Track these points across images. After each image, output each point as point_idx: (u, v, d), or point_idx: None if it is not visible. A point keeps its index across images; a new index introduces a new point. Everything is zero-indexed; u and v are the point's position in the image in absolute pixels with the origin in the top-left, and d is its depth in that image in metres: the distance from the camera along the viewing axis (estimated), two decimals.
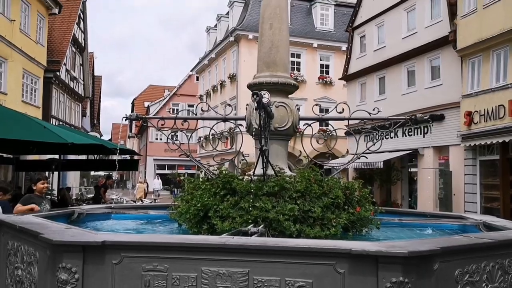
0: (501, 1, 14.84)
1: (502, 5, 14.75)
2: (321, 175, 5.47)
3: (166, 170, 47.29)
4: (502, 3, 14.76)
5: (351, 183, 5.53)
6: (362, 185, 5.74)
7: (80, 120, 32.99)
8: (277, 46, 6.19)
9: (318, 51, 30.18)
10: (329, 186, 5.26)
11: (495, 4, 15.10)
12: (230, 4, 32.10)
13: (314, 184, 5.19)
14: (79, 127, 31.17)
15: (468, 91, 16.50)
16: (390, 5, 21.26)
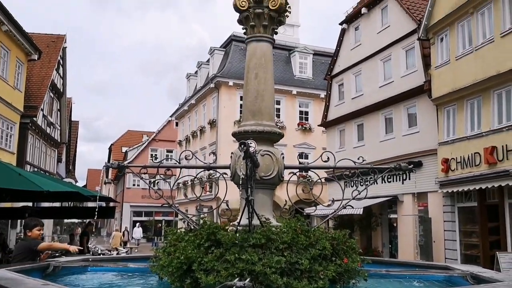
0: (472, 53, 15.45)
1: (474, 57, 15.35)
2: (307, 225, 5.39)
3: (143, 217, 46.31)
4: (473, 56, 15.37)
5: (337, 234, 5.45)
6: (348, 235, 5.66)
7: (55, 166, 32.35)
8: (262, 95, 6.23)
9: (298, 98, 30.68)
10: (316, 236, 5.18)
11: (467, 56, 15.71)
12: (211, 51, 32.66)
13: (300, 235, 5.10)
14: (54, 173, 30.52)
15: (445, 138, 16.86)
16: (367, 55, 21.93)
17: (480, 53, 15.11)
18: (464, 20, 16.03)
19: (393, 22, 20.38)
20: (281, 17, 6.44)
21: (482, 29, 15.20)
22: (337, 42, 24.53)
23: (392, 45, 20.27)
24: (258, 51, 6.30)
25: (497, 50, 14.35)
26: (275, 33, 6.58)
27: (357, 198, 6.12)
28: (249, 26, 6.33)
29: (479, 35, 15.25)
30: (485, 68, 14.67)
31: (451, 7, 16.29)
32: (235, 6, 6.34)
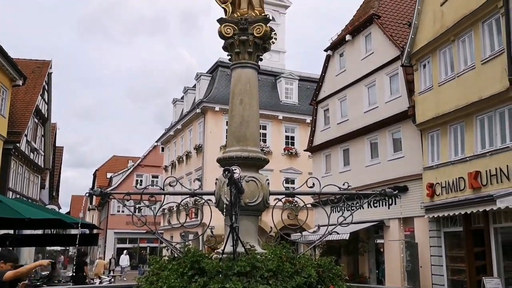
0: (454, 79, 15.74)
1: (456, 84, 15.64)
2: (292, 252, 5.33)
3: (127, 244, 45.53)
4: (456, 82, 15.65)
5: (323, 261, 5.39)
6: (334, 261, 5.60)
7: (39, 193, 31.82)
8: (247, 121, 6.23)
9: (284, 123, 30.83)
10: (301, 264, 5.11)
11: (449, 82, 16.00)
12: (197, 77, 32.84)
13: (286, 262, 5.03)
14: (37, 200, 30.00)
15: (429, 163, 17.00)
16: (352, 81, 22.22)
17: (462, 80, 15.39)
18: (445, 47, 16.38)
19: (377, 49, 20.75)
20: (266, 44, 6.51)
21: (463, 56, 15.52)
22: (322, 68, 24.85)
23: (376, 71, 20.58)
24: (243, 77, 6.33)
25: (478, 76, 14.63)
26: (260, 59, 6.63)
27: (343, 223, 6.08)
28: (234, 52, 6.38)
29: (461, 62, 15.57)
30: (467, 94, 14.92)
31: (433, 34, 16.66)
32: (220, 33, 6.40)
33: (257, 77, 6.54)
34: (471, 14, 14.75)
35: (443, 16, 16.25)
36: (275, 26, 35.84)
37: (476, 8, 14.50)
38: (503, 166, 13.49)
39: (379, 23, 20.36)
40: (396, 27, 20.41)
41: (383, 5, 21.64)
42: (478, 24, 14.77)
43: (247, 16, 6.39)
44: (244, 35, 6.27)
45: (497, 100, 13.85)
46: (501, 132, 13.98)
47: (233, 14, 6.48)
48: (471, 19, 14.83)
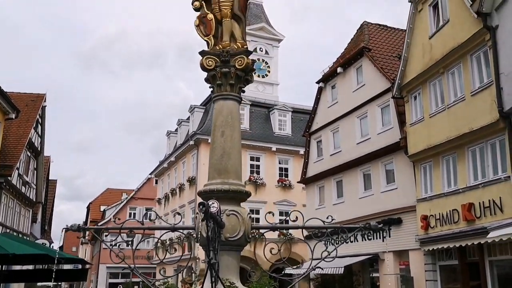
0: (445, 111, 15.77)
1: (446, 115, 15.66)
2: None
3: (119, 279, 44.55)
4: (446, 113, 15.68)
5: None
6: None
7: (30, 227, 31.29)
8: (228, 153, 6.14)
9: (277, 155, 30.75)
10: None
11: (440, 114, 16.03)
12: (191, 109, 32.93)
13: None
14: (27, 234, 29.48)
15: (423, 195, 16.84)
16: (344, 113, 22.28)
17: (453, 111, 15.43)
18: (435, 79, 16.49)
19: (368, 81, 20.90)
20: (248, 76, 6.49)
21: (453, 88, 15.60)
22: (315, 100, 24.97)
23: (367, 103, 20.66)
24: (225, 109, 6.28)
25: (469, 108, 14.67)
26: (242, 91, 6.60)
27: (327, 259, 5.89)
28: (216, 84, 6.35)
29: (451, 94, 15.64)
30: (458, 126, 14.92)
31: (422, 67, 16.80)
32: (202, 65, 6.38)
33: (239, 109, 6.49)
34: (459, 47, 14.91)
35: (432, 49, 16.43)
36: (268, 59, 36.34)
37: (464, 41, 14.66)
38: (496, 198, 13.35)
39: (370, 56, 20.58)
40: (387, 59, 20.62)
41: (373, 38, 21.94)
42: (466, 57, 14.91)
43: (229, 48, 6.39)
44: (226, 67, 6.25)
45: (488, 132, 13.84)
46: (493, 163, 13.90)
47: (215, 47, 6.48)
48: (459, 51, 14.99)
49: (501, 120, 13.08)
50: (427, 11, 16.85)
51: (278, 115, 32.39)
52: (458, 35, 14.96)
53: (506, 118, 12.92)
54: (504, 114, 12.90)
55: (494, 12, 13.30)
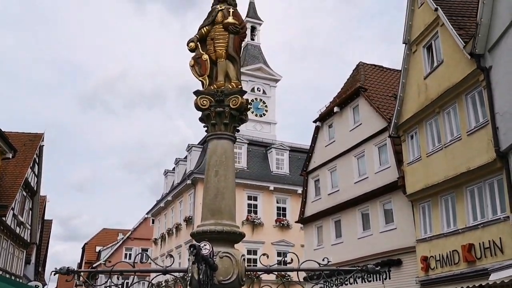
0: (442, 150, 15.76)
1: (444, 154, 15.64)
2: None
3: None
4: (443, 153, 15.66)
5: None
6: None
7: (23, 268, 30.63)
8: (222, 193, 6.05)
9: (275, 194, 30.55)
10: None
11: (437, 153, 16.01)
12: (188, 148, 32.95)
13: None
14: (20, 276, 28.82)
15: (422, 235, 16.59)
16: (341, 152, 22.26)
17: (450, 150, 15.41)
18: (431, 119, 16.56)
19: (365, 120, 21.00)
20: (243, 115, 6.48)
21: (449, 128, 15.64)
22: (312, 139, 25.02)
23: (364, 142, 20.69)
24: (219, 148, 6.24)
25: (465, 147, 14.65)
26: (237, 130, 6.58)
27: None
28: (210, 124, 6.34)
29: (447, 133, 15.66)
30: (456, 165, 14.87)
31: (418, 106, 16.91)
32: (196, 105, 6.39)
33: (233, 149, 6.45)
34: (454, 87, 15.04)
35: (427, 89, 16.59)
36: (266, 98, 36.74)
37: (458, 82, 14.81)
38: (496, 239, 13.13)
39: (366, 96, 20.76)
40: (383, 99, 20.80)
41: (369, 78, 22.21)
42: (461, 97, 15.02)
43: (224, 88, 6.42)
44: (220, 106, 6.26)
45: (486, 171, 13.76)
46: (491, 203, 13.75)
47: (210, 87, 6.51)
48: (454, 91, 15.12)
49: (498, 159, 13.04)
50: (421, 53, 17.12)
51: (276, 154, 32.40)
52: (453, 76, 15.13)
53: (503, 158, 12.88)
54: (501, 153, 12.87)
55: (487, 53, 13.50)
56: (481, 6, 13.13)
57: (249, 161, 31.10)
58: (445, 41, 15.73)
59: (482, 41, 13.41)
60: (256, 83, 36.74)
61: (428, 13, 16.48)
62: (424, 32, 16.81)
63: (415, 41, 17.37)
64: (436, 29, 16.27)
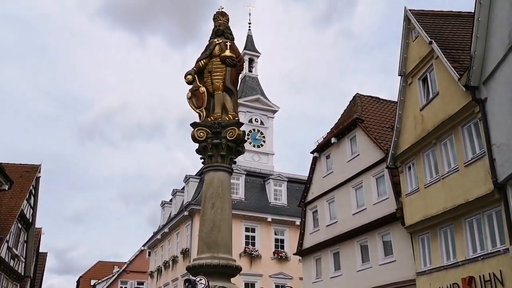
0: (440, 182, 15.73)
1: (441, 186, 15.60)
2: None
3: None
4: (441, 184, 15.63)
5: None
6: None
7: None
8: (219, 226, 6.01)
9: (273, 226, 30.27)
10: None
11: (435, 184, 15.97)
12: (186, 179, 32.80)
13: None
14: None
15: (422, 268, 16.38)
16: (339, 183, 22.20)
17: (447, 182, 15.38)
18: (428, 150, 16.60)
19: (362, 151, 21.04)
20: (240, 147, 6.51)
21: (446, 159, 15.66)
22: (310, 170, 24.98)
23: (362, 173, 20.66)
24: (215, 180, 6.23)
25: (463, 178, 14.63)
26: (234, 162, 6.58)
27: None
28: (207, 155, 6.36)
29: (445, 164, 15.66)
30: (454, 197, 14.81)
31: (415, 138, 16.97)
32: (193, 137, 6.42)
33: (230, 180, 6.44)
34: (450, 119, 15.13)
35: (423, 120, 16.70)
36: (264, 129, 36.91)
37: (454, 113, 14.88)
38: (496, 271, 12.96)
39: (363, 127, 20.86)
40: (380, 130, 20.90)
41: (366, 110, 22.37)
42: (457, 128, 15.10)
43: (221, 120, 6.47)
44: (217, 138, 6.29)
45: (484, 203, 13.69)
46: (491, 235, 13.63)
47: (207, 119, 6.56)
48: (450, 123, 15.20)
49: (496, 191, 12.98)
50: (416, 84, 17.32)
51: (274, 185, 32.26)
52: (448, 107, 15.25)
53: (501, 189, 12.84)
54: (498, 185, 12.83)
55: (482, 85, 13.64)
56: (475, 39, 13.35)
57: (246, 192, 30.94)
58: (440, 73, 15.93)
59: (476, 73, 13.58)
60: (254, 114, 36.98)
61: (423, 46, 16.75)
62: (419, 65, 17.05)
63: (410, 73, 17.59)
64: (431, 62, 16.50)
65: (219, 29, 7.37)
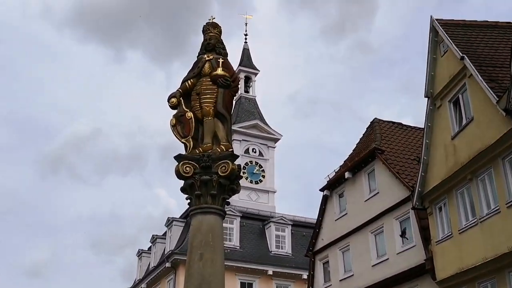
0: (477, 225, 15.64)
1: (480, 230, 15.52)
2: None
3: None
4: (479, 228, 15.54)
5: None
6: None
7: None
8: (208, 281, 5.96)
9: (274, 280, 30.00)
10: None
11: (471, 229, 15.88)
12: (168, 223, 32.58)
13: None
14: None
15: None
16: (355, 227, 22.07)
17: (487, 226, 15.31)
18: (462, 187, 16.58)
19: (382, 188, 21.00)
20: (234, 184, 6.52)
21: (485, 198, 15.62)
22: (319, 211, 24.89)
23: (383, 215, 20.58)
24: (204, 225, 6.22)
25: (506, 222, 14.56)
26: (227, 203, 6.58)
27: None
28: (194, 195, 6.36)
29: (483, 205, 15.61)
30: (495, 244, 14.71)
31: (446, 172, 16.97)
32: (177, 172, 6.42)
33: (222, 225, 6.43)
34: (487, 150, 15.16)
35: (456, 151, 16.74)
36: (263, 161, 36.97)
37: (493, 143, 14.93)
38: None
39: (383, 159, 20.88)
40: (403, 163, 20.92)
41: (386, 138, 22.44)
42: (497, 160, 15.11)
43: (211, 152, 6.49)
44: (206, 174, 6.31)
45: None
46: None
47: (194, 150, 6.58)
48: (488, 154, 15.23)
49: None
50: (447, 108, 17.44)
51: (275, 230, 32.07)
52: (485, 136, 15.31)
53: None
54: None
55: None
56: None
57: (242, 238, 30.72)
58: (474, 94, 16.06)
59: None
60: (251, 143, 37.07)
61: (453, 62, 16.94)
62: (449, 85, 17.20)
63: (439, 95, 17.73)
64: (463, 81, 16.66)
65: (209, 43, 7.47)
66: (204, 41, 7.59)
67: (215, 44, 7.45)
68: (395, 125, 24.29)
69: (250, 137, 37.21)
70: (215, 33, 7.64)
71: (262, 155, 37.40)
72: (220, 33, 7.84)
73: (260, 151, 37.37)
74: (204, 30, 7.73)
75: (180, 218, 32.83)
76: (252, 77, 41.59)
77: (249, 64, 41.71)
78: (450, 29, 17.64)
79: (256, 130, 37.78)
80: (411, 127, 24.45)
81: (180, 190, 6.54)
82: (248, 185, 35.07)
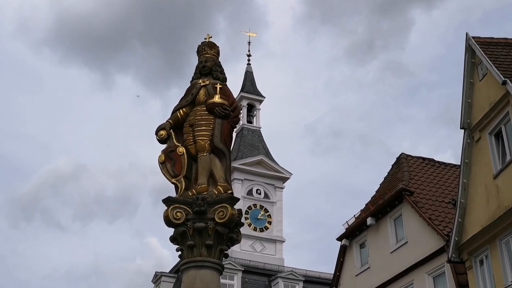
0: None
1: None
2: None
3: None
4: None
5: None
6: None
7: None
8: None
9: None
10: None
11: None
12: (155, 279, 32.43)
13: None
14: None
15: None
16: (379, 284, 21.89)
17: None
18: (508, 235, 16.48)
19: (412, 237, 20.90)
20: (233, 233, 6.52)
21: None
22: (336, 264, 24.75)
23: (413, 270, 20.44)
24: (198, 282, 6.19)
25: None
26: (225, 255, 6.56)
27: None
28: (186, 246, 6.34)
29: None
30: None
31: (488, 218, 16.87)
32: (166, 218, 6.43)
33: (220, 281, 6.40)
34: None
35: (499, 193, 16.69)
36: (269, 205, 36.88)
37: None
38: None
39: (412, 202, 20.82)
40: (436, 206, 20.84)
41: (415, 177, 22.41)
42: None
43: (207, 194, 6.50)
44: (201, 221, 6.30)
45: None
46: None
47: (186, 192, 6.59)
48: None
49: None
50: (487, 141, 17.45)
51: (284, 286, 31.83)
52: None
53: None
54: None
55: None
56: None
57: None
58: None
59: None
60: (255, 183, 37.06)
61: (494, 87, 17.02)
62: (490, 114, 17.25)
63: (477, 126, 17.77)
64: (506, 109, 16.71)
65: (205, 66, 7.54)
66: (199, 64, 7.66)
67: (212, 67, 7.51)
68: (426, 161, 24.29)
69: (253, 176, 37.18)
70: (212, 54, 7.72)
71: (268, 197, 37.30)
72: (218, 55, 7.92)
73: (266, 193, 37.29)
74: (199, 51, 7.81)
75: (170, 273, 32.66)
76: (256, 105, 41.71)
77: (252, 89, 41.83)
78: (490, 49, 17.78)
79: (261, 167, 37.73)
80: (445, 164, 24.44)
81: (170, 240, 6.52)
82: (251, 234, 34.93)
